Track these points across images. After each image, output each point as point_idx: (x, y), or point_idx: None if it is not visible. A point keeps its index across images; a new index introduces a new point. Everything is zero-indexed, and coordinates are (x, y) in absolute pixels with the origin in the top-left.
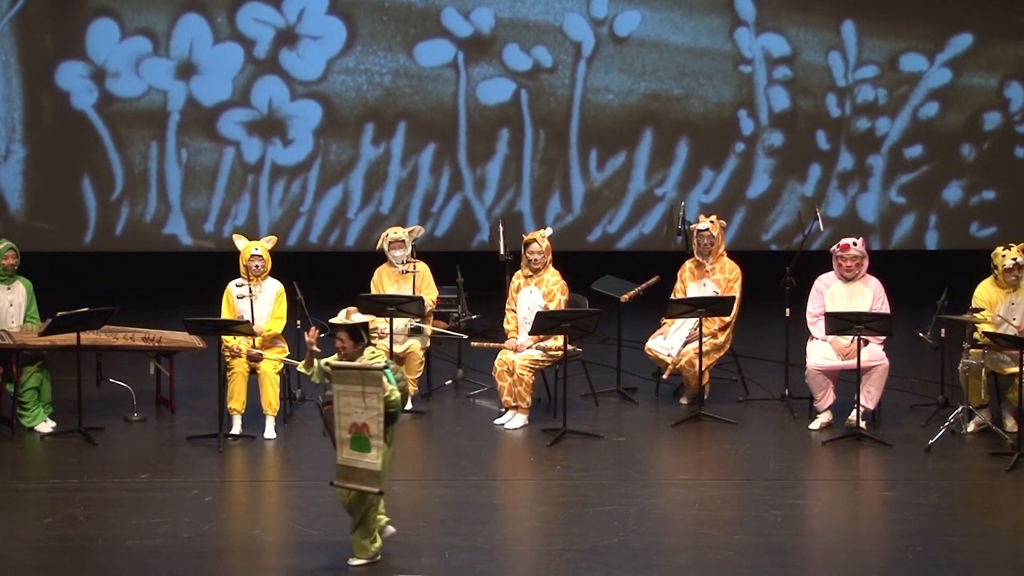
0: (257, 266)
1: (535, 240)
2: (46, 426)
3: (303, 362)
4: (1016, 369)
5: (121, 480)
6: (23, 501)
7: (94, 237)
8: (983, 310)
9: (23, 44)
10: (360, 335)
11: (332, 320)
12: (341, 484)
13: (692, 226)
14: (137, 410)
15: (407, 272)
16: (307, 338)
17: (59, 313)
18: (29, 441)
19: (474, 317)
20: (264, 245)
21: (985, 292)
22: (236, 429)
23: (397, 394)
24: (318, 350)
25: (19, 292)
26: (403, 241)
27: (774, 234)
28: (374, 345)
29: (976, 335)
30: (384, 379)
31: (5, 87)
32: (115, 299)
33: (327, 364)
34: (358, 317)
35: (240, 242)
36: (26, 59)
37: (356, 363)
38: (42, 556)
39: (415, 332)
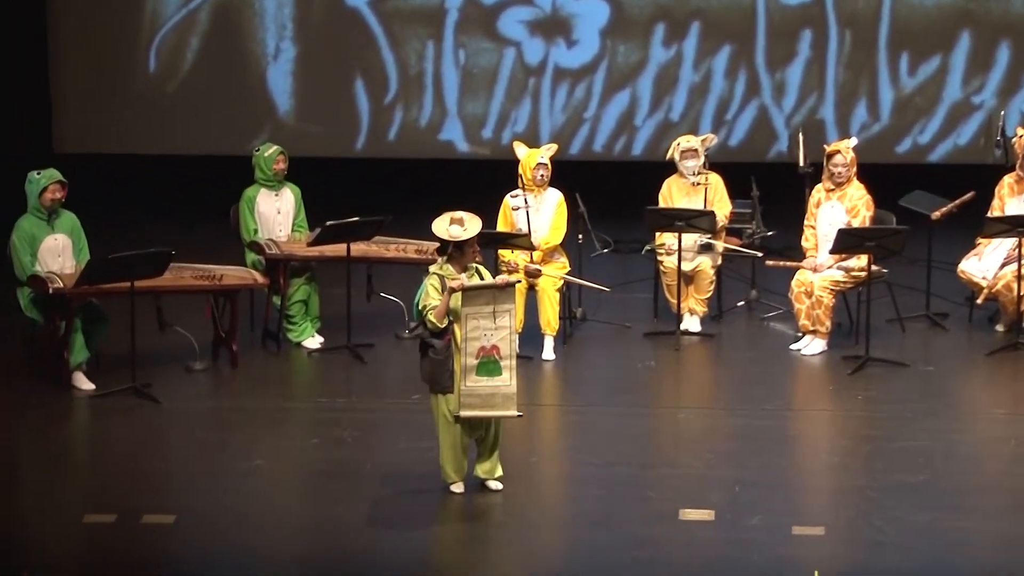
0: (542, 175)
1: (839, 151)
2: (314, 342)
3: (435, 312)
4: None
5: (391, 401)
6: (289, 420)
7: (366, 142)
8: None
9: None
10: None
11: (453, 236)
12: (473, 414)
13: (1019, 136)
14: (408, 327)
15: (698, 184)
16: (497, 281)
17: (328, 222)
18: (296, 357)
19: (770, 233)
20: (547, 153)
21: None
22: None
23: None
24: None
25: (287, 199)
26: (696, 150)
27: None
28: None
29: None
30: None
31: None
32: (386, 208)
33: (452, 287)
34: (471, 221)
35: (521, 150)
36: None
37: (487, 281)
38: (309, 479)
39: (705, 249)
